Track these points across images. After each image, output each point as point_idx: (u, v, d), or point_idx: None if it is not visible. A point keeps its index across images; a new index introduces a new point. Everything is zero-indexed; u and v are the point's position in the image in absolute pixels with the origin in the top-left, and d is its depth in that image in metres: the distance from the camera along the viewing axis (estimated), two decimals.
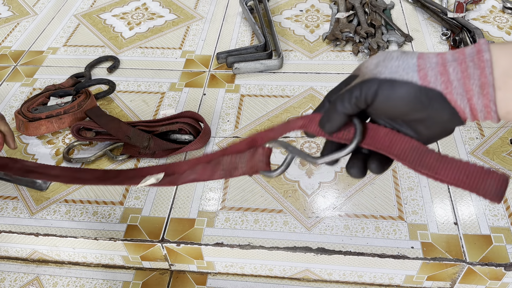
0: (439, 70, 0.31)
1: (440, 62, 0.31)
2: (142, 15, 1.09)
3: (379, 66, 0.33)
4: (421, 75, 0.31)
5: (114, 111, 0.84)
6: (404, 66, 0.32)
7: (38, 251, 0.70)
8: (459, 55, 0.30)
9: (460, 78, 0.30)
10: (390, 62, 0.32)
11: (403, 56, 0.32)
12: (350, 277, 0.66)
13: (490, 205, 0.65)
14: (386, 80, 0.32)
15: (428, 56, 0.32)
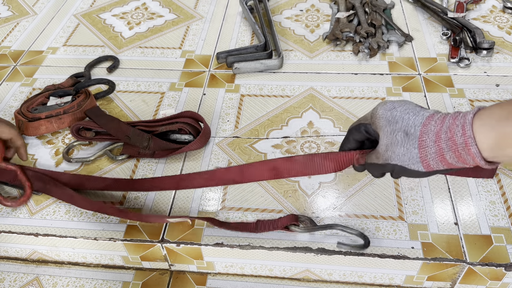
0: (439, 159, 0.38)
1: (438, 152, 0.37)
2: (142, 15, 1.09)
3: (388, 150, 0.41)
4: (425, 165, 0.39)
5: (114, 111, 0.84)
6: (409, 156, 0.39)
7: (37, 251, 0.70)
8: (452, 145, 0.36)
9: (458, 161, 0.37)
10: (396, 148, 0.39)
11: (406, 142, 0.39)
12: (350, 277, 0.66)
13: (491, 205, 0.65)
14: (397, 166, 0.40)
15: (427, 145, 0.38)
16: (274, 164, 0.56)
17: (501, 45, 0.93)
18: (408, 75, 0.88)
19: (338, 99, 0.84)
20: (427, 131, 0.38)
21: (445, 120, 0.37)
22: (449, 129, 0.36)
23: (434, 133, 0.37)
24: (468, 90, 0.84)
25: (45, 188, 0.70)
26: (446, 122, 0.37)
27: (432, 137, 0.37)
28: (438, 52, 0.92)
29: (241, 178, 0.60)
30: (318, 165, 0.53)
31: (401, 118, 0.39)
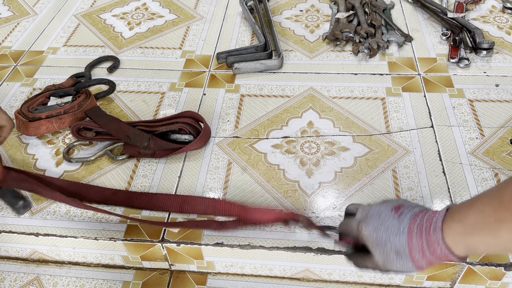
0: (430, 265, 0.44)
1: (428, 262, 0.43)
2: (142, 15, 1.09)
3: (387, 265, 0.46)
4: (419, 270, 0.45)
5: (114, 111, 0.84)
6: (407, 267, 0.45)
7: (38, 251, 0.70)
8: (435, 257, 0.42)
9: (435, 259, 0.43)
10: (393, 264, 0.45)
11: (400, 260, 0.44)
12: (350, 277, 0.66)
13: None
14: (397, 271, 0.46)
15: (418, 260, 0.44)
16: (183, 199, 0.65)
17: (500, 45, 0.93)
18: (408, 75, 0.88)
19: (338, 99, 0.84)
20: (414, 248, 0.44)
21: (422, 234, 0.43)
22: (428, 244, 0.42)
23: (420, 250, 0.43)
24: (468, 90, 0.84)
25: (33, 189, 0.68)
26: (424, 236, 0.43)
27: (420, 253, 0.43)
28: (438, 52, 0.92)
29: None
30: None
31: (388, 241, 0.45)
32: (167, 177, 0.72)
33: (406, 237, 0.44)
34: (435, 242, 0.42)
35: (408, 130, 0.77)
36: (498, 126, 0.77)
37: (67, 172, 0.74)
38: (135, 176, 0.72)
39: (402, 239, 0.44)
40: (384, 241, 0.45)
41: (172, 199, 0.67)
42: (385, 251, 0.45)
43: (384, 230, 0.45)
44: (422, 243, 0.43)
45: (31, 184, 0.68)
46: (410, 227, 0.44)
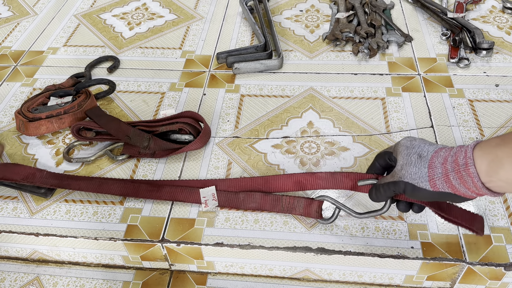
0: (444, 179, 0.44)
1: (444, 173, 0.44)
2: (142, 15, 1.09)
3: (403, 169, 0.48)
4: (432, 184, 0.45)
5: (114, 111, 0.84)
6: (419, 175, 0.46)
7: (38, 251, 0.70)
8: (455, 166, 0.43)
9: (460, 183, 0.43)
10: (410, 168, 0.47)
11: (418, 163, 0.46)
12: (350, 277, 0.66)
13: (490, 205, 0.65)
14: (408, 184, 0.47)
15: (436, 166, 0.45)
16: (299, 178, 0.65)
17: (500, 45, 0.93)
18: (408, 75, 0.88)
19: (338, 99, 0.84)
20: (437, 156, 0.45)
21: (453, 148, 0.45)
22: (455, 154, 0.43)
23: (442, 157, 0.45)
24: (468, 90, 0.84)
25: (62, 184, 0.70)
26: (454, 149, 0.44)
27: (440, 160, 0.45)
28: (438, 52, 0.92)
29: (267, 188, 0.67)
30: (338, 182, 0.62)
31: (417, 145, 0.48)
32: (167, 177, 0.72)
33: (437, 148, 0.47)
34: (462, 151, 0.43)
35: (408, 130, 0.77)
36: (498, 126, 0.77)
37: (67, 172, 0.74)
38: (135, 176, 0.72)
39: (432, 147, 0.47)
40: (414, 145, 0.48)
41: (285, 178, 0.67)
42: (410, 153, 0.48)
43: (420, 140, 0.49)
44: (449, 153, 0.44)
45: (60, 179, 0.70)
46: (447, 146, 0.47)
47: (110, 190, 0.69)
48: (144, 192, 0.68)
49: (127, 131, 0.74)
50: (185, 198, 0.67)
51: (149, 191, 0.68)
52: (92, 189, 0.69)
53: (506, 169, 0.40)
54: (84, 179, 0.71)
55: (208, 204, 0.65)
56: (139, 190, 0.68)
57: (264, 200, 0.65)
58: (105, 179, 0.71)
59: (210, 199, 0.65)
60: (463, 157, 0.43)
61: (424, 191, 0.46)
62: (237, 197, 0.66)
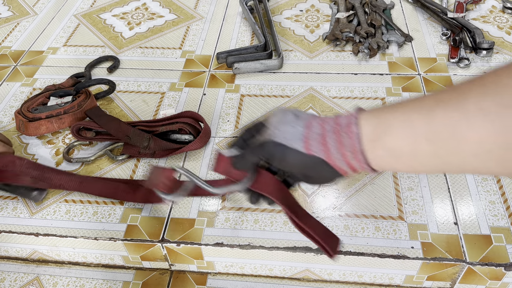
0: (320, 141, 0.37)
1: (321, 133, 0.38)
2: (142, 15, 1.09)
3: (276, 129, 0.40)
4: (306, 146, 0.38)
5: (114, 111, 0.84)
6: (294, 134, 0.38)
7: (38, 251, 0.70)
8: (336, 126, 0.37)
9: (337, 147, 0.37)
10: (284, 127, 0.39)
11: (295, 122, 0.39)
12: (350, 277, 0.66)
13: (490, 205, 0.65)
14: (279, 144, 0.39)
15: (313, 125, 0.38)
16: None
17: (500, 45, 0.93)
18: (408, 75, 0.88)
19: (338, 99, 0.84)
20: (317, 117, 0.39)
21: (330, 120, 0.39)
22: (336, 117, 0.38)
23: (322, 119, 0.39)
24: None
25: (43, 176, 0.68)
26: (338, 115, 0.39)
27: (319, 120, 0.39)
28: (438, 52, 0.92)
29: None
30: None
31: (295, 109, 0.41)
32: None
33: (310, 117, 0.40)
34: (345, 115, 0.38)
35: None
36: None
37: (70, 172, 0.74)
38: (135, 176, 0.72)
39: (303, 121, 0.40)
40: (289, 109, 0.41)
41: None
42: (285, 112, 0.40)
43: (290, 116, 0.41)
44: (325, 123, 0.38)
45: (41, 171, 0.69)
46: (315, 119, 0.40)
47: (90, 190, 0.69)
48: (121, 194, 0.68)
49: (127, 131, 0.74)
50: (157, 200, 0.66)
51: (126, 192, 0.68)
52: (73, 187, 0.69)
53: (394, 135, 0.34)
54: (66, 174, 0.70)
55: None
56: (117, 192, 0.68)
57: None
58: (86, 177, 0.70)
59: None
60: (345, 117, 0.38)
61: (295, 155, 0.38)
62: None
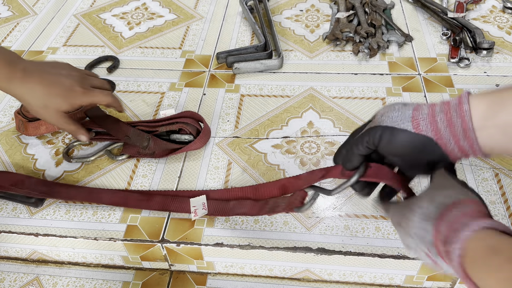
0: (430, 120, 0.37)
1: (430, 113, 0.38)
2: (142, 15, 1.09)
3: (383, 116, 0.40)
4: (415, 125, 0.38)
5: (114, 111, 0.84)
6: (402, 116, 0.39)
7: (37, 251, 0.70)
8: (445, 106, 0.37)
9: (446, 126, 0.37)
10: (392, 113, 0.39)
11: (403, 108, 0.39)
12: (350, 277, 0.66)
13: (491, 205, 0.65)
14: (387, 127, 0.39)
15: (422, 108, 0.39)
16: (283, 182, 0.63)
17: (501, 45, 0.93)
18: (408, 75, 0.88)
19: (338, 99, 0.84)
20: (425, 103, 0.39)
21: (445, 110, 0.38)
22: (446, 100, 0.38)
23: (432, 103, 0.39)
24: (468, 90, 0.83)
25: (52, 191, 0.68)
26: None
27: (428, 104, 0.39)
28: (438, 52, 0.92)
29: (256, 196, 0.66)
30: (315, 177, 0.56)
31: (403, 102, 0.41)
32: (167, 177, 0.72)
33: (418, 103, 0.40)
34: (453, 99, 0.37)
35: None
36: None
37: (67, 172, 0.74)
38: (134, 176, 0.72)
39: (411, 106, 0.40)
40: (397, 102, 0.41)
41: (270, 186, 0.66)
42: (393, 103, 0.40)
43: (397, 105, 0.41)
44: (435, 106, 0.38)
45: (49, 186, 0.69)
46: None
47: (99, 200, 0.68)
48: (134, 202, 0.67)
49: (127, 131, 0.74)
50: (176, 208, 0.66)
51: (140, 200, 0.67)
52: (82, 198, 0.68)
53: (509, 110, 0.34)
54: (74, 188, 0.69)
55: (197, 213, 0.65)
56: (129, 200, 0.67)
57: (253, 205, 0.64)
58: (95, 189, 0.69)
59: (200, 208, 0.65)
60: (456, 99, 0.37)
61: (404, 135, 0.38)
62: (227, 205, 0.65)
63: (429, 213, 0.36)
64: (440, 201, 0.36)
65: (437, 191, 0.38)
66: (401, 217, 0.40)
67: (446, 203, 0.36)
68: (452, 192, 0.37)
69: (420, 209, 0.37)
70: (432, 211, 0.36)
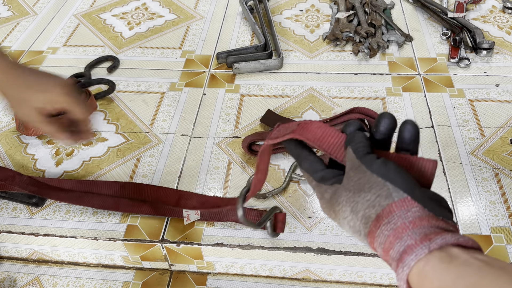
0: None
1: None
2: (142, 15, 1.09)
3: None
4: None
5: (114, 111, 0.84)
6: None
7: (38, 251, 0.70)
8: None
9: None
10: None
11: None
12: (350, 277, 0.66)
13: (491, 205, 0.65)
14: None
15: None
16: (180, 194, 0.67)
17: (501, 45, 0.93)
18: (408, 75, 0.88)
19: (338, 99, 0.84)
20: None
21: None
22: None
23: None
24: (468, 90, 0.84)
25: (40, 192, 0.68)
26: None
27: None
28: (438, 52, 0.92)
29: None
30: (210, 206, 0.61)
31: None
32: (166, 177, 0.72)
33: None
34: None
35: None
36: (499, 126, 0.77)
37: (67, 172, 0.74)
38: (134, 176, 0.72)
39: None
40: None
41: (171, 192, 0.67)
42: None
43: None
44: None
45: (39, 187, 0.68)
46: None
47: (90, 203, 0.67)
48: (126, 207, 0.66)
49: None
50: (167, 212, 0.66)
51: (131, 205, 0.66)
52: (71, 201, 0.67)
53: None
54: (64, 191, 0.68)
55: (190, 218, 0.65)
56: (120, 205, 0.67)
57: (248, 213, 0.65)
58: (85, 193, 0.68)
59: (192, 213, 0.65)
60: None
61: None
62: (220, 211, 0.65)
63: (357, 228, 0.32)
64: (363, 214, 0.31)
65: (355, 194, 0.32)
66: (330, 213, 0.35)
67: (370, 216, 0.31)
68: (371, 196, 0.31)
69: (345, 220, 0.33)
70: (358, 226, 0.32)
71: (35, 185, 0.68)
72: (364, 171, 0.32)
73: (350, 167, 0.33)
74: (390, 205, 0.30)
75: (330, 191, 0.35)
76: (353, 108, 0.73)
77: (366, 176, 0.32)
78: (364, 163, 0.32)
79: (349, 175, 0.33)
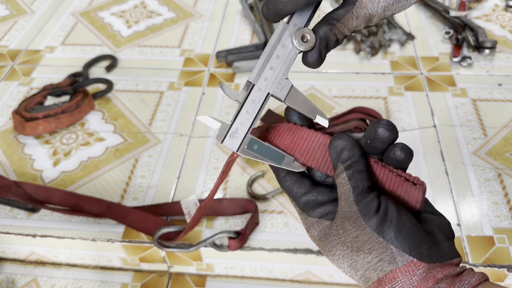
0: None
1: None
2: (141, 14, 1.08)
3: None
4: None
5: (112, 111, 0.83)
6: None
7: (35, 253, 0.69)
8: None
9: None
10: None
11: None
12: (352, 279, 0.65)
13: (493, 206, 0.64)
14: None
15: None
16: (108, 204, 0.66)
17: (503, 44, 0.92)
18: (410, 74, 0.87)
19: (339, 98, 0.83)
20: None
21: None
22: None
23: None
24: (471, 89, 0.83)
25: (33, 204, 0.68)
26: None
27: None
28: (440, 51, 0.91)
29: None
30: None
31: None
32: (166, 178, 0.71)
33: None
34: None
35: (410, 130, 0.76)
36: (501, 126, 0.76)
37: (65, 173, 0.73)
38: (133, 176, 0.72)
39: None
40: None
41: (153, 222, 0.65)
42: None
43: None
44: None
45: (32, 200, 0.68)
46: None
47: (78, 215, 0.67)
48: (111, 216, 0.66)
49: None
50: (165, 212, 0.66)
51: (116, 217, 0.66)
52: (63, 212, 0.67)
53: None
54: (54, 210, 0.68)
55: (191, 214, 0.64)
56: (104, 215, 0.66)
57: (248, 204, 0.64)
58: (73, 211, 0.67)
59: (193, 209, 0.64)
60: None
61: None
62: (221, 204, 0.65)
63: (355, 280, 0.30)
64: (363, 274, 0.29)
65: (353, 252, 0.29)
66: (322, 251, 0.31)
67: (371, 278, 0.28)
68: (373, 258, 0.28)
69: (341, 269, 0.30)
70: (357, 280, 0.29)
71: (29, 198, 0.68)
72: (363, 226, 0.28)
73: (345, 211, 0.29)
74: (394, 271, 0.27)
75: (318, 228, 0.30)
76: (354, 108, 0.73)
77: (366, 233, 0.28)
78: (362, 215, 0.28)
79: (344, 226, 0.29)
